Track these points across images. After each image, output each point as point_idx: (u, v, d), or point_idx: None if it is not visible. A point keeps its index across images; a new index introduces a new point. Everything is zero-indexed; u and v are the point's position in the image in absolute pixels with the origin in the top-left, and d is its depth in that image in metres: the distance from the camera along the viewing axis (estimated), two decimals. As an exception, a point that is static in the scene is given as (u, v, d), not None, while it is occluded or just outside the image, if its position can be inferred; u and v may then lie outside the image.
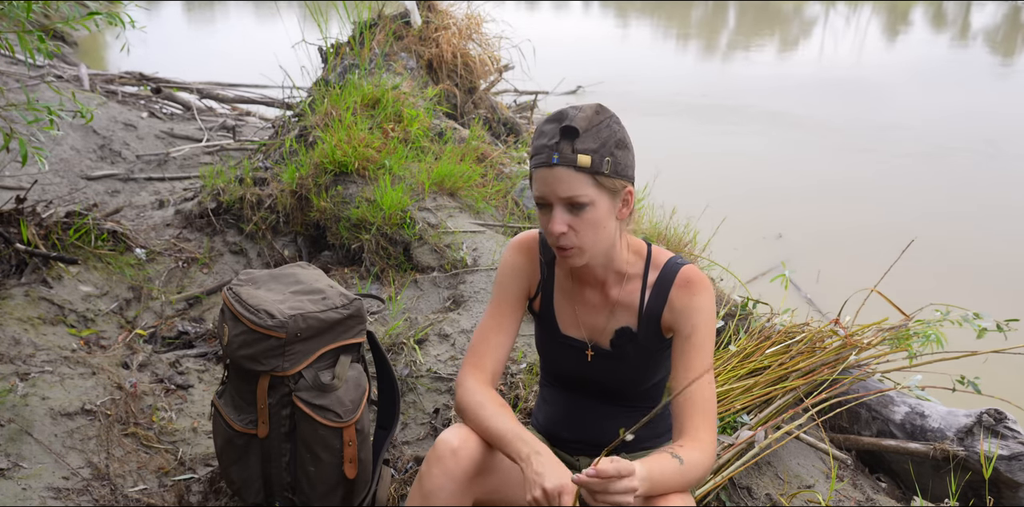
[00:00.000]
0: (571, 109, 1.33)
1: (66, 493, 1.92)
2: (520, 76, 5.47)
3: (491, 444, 1.40)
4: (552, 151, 1.29)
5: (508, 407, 1.45)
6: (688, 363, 1.37)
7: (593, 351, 1.52)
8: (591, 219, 1.33)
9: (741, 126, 7.77)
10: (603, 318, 1.50)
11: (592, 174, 1.30)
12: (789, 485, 2.08)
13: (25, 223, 2.93)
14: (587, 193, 1.30)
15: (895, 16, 18.01)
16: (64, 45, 7.91)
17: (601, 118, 1.32)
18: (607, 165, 1.30)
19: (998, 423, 2.24)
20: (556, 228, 1.32)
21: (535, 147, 1.33)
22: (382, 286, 3.10)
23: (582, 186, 1.30)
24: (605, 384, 1.55)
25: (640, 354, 1.49)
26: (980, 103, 8.92)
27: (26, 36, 2.36)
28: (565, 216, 1.32)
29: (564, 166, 1.29)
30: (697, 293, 1.41)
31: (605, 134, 1.31)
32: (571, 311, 1.53)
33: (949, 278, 4.45)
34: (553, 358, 1.61)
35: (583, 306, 1.52)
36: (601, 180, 1.31)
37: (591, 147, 1.29)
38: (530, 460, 1.28)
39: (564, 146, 1.28)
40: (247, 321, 1.74)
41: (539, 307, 1.57)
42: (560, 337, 1.55)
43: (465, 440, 1.41)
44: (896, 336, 2.31)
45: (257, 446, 1.86)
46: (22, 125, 2.73)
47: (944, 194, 6.00)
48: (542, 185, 1.32)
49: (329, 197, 3.38)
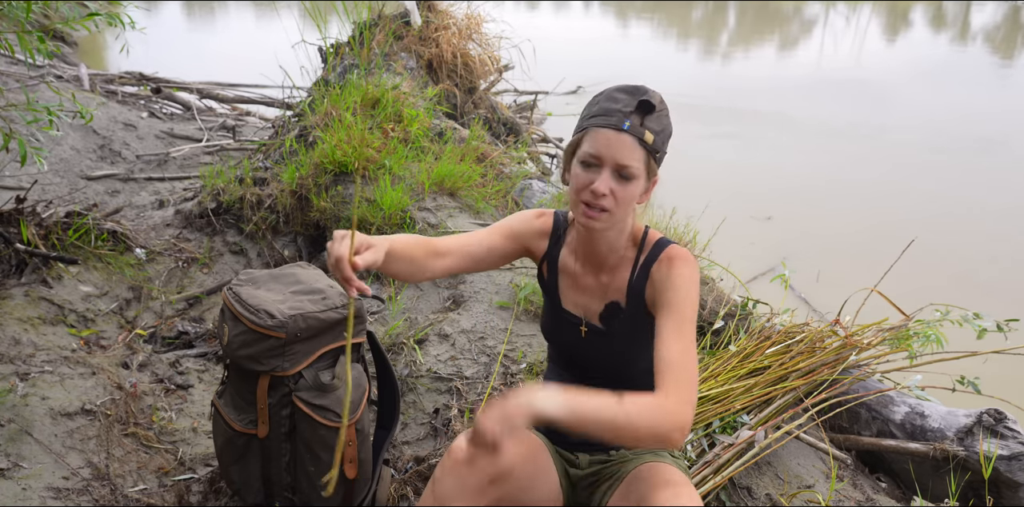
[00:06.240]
0: (647, 87, 1.38)
1: (66, 493, 1.92)
2: (520, 76, 5.48)
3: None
4: (624, 117, 1.33)
5: (416, 238, 1.46)
6: (666, 332, 1.36)
7: (587, 327, 1.56)
8: (630, 191, 1.37)
9: (741, 126, 7.77)
10: (597, 297, 1.54)
11: (649, 152, 1.35)
12: (789, 485, 2.08)
13: (25, 223, 2.93)
14: (638, 167, 1.35)
15: (895, 16, 18.01)
16: (64, 45, 7.90)
17: (665, 107, 1.39)
18: (661, 150, 1.37)
19: (998, 423, 2.24)
20: (602, 187, 1.35)
21: (602, 108, 1.36)
22: (382, 286, 3.10)
23: (638, 159, 1.34)
24: (599, 363, 1.58)
25: (628, 330, 1.52)
26: (980, 103, 8.93)
27: (26, 36, 2.36)
28: (611, 181, 1.35)
29: (632, 135, 1.33)
30: (675, 267, 1.43)
31: (666, 122, 1.38)
32: (571, 287, 1.58)
33: (949, 278, 4.45)
34: (554, 334, 1.65)
35: (581, 284, 1.56)
36: (650, 161, 1.37)
37: (655, 128, 1.35)
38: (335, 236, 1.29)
39: (635, 118, 1.33)
40: (247, 321, 1.74)
41: (546, 276, 1.61)
42: (560, 311, 1.60)
43: None
44: (896, 336, 2.31)
45: (257, 446, 1.86)
46: (22, 125, 2.74)
47: (944, 194, 6.00)
48: (602, 146, 1.34)
49: (329, 197, 3.38)
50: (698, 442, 2.07)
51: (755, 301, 2.67)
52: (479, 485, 1.40)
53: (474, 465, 1.40)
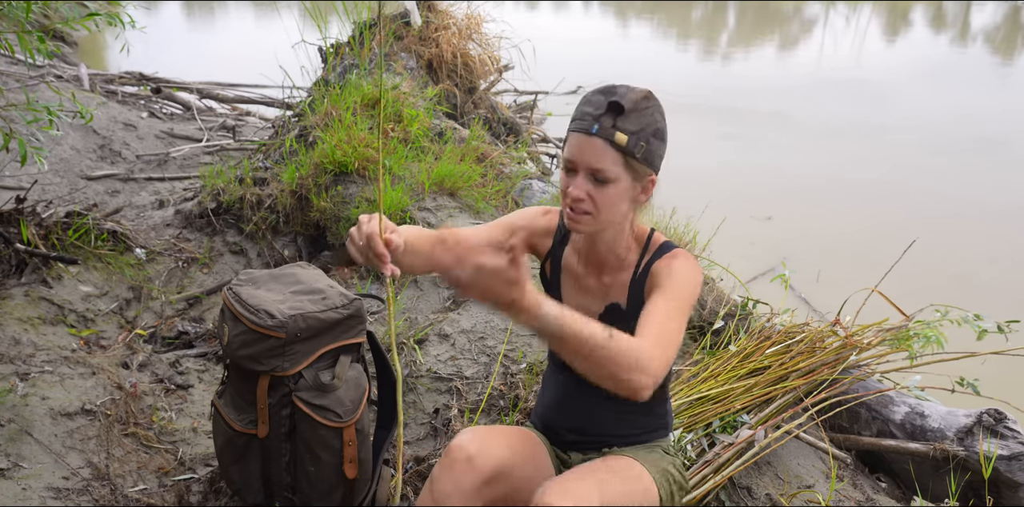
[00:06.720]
0: (623, 87, 1.35)
1: (66, 493, 1.92)
2: (520, 76, 5.48)
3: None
4: (594, 121, 1.32)
5: (422, 230, 1.47)
6: (654, 307, 1.34)
7: None
8: (610, 194, 1.35)
9: (741, 126, 7.77)
10: (599, 298, 1.54)
11: (624, 154, 1.32)
12: (789, 485, 2.08)
13: (25, 223, 2.93)
14: (614, 170, 1.33)
15: (895, 16, 18.01)
16: (64, 45, 7.90)
17: (647, 104, 1.35)
18: (640, 150, 1.33)
19: (998, 423, 2.24)
20: (575, 193, 1.35)
21: (578, 112, 1.36)
22: (382, 286, 3.10)
23: (611, 162, 1.32)
24: None
25: (628, 332, 1.50)
26: (980, 103, 8.93)
27: (26, 36, 2.36)
28: (587, 185, 1.35)
29: (601, 138, 1.31)
30: (678, 261, 1.43)
31: (646, 120, 1.34)
32: (573, 287, 1.57)
33: (949, 279, 4.45)
34: None
35: (583, 285, 1.56)
36: (630, 162, 1.34)
37: (630, 128, 1.32)
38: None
39: (606, 120, 1.31)
40: (247, 321, 1.74)
41: (549, 275, 1.61)
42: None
43: (482, 448, 1.42)
44: (896, 336, 2.31)
45: (257, 446, 1.86)
46: (22, 125, 2.74)
47: (944, 194, 6.00)
48: (575, 150, 1.34)
49: (329, 197, 3.38)
50: (698, 442, 2.07)
51: (755, 301, 2.67)
52: (476, 484, 1.40)
53: (472, 464, 1.40)
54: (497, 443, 1.46)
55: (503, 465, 1.43)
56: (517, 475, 1.47)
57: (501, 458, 1.43)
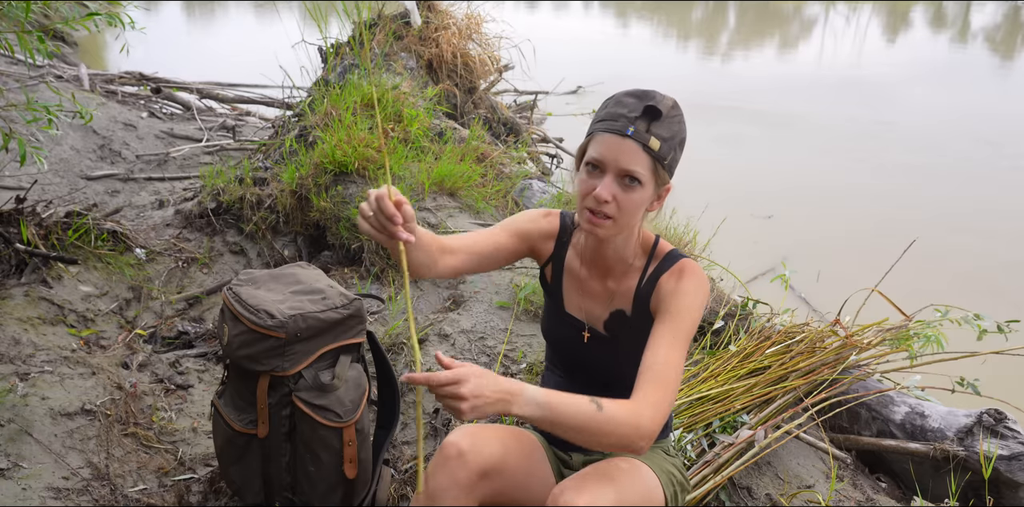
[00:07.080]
0: (658, 93, 1.35)
1: (66, 493, 1.92)
2: (520, 76, 5.47)
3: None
4: (629, 123, 1.31)
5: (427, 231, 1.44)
6: (658, 339, 1.36)
7: (590, 333, 1.56)
8: (635, 199, 1.35)
9: (741, 126, 7.77)
10: (603, 303, 1.53)
11: (655, 159, 1.33)
12: (789, 485, 2.08)
13: (25, 223, 2.93)
14: (644, 174, 1.33)
15: (895, 16, 18.02)
16: (64, 45, 7.89)
17: (677, 112, 1.36)
18: (669, 157, 1.34)
19: (998, 423, 2.24)
20: (604, 194, 1.33)
21: (609, 113, 1.35)
22: (382, 286, 3.10)
23: (643, 165, 1.32)
24: (600, 369, 1.57)
25: (632, 338, 1.50)
26: (980, 103, 8.93)
27: (26, 36, 2.36)
28: (614, 187, 1.34)
29: (636, 141, 1.31)
30: (684, 279, 1.43)
31: (676, 128, 1.35)
32: (575, 291, 1.57)
33: (949, 279, 4.45)
34: (555, 337, 1.64)
35: (586, 289, 1.55)
36: (657, 168, 1.34)
37: (663, 135, 1.32)
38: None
39: (641, 123, 1.31)
40: (247, 321, 1.74)
41: (551, 278, 1.60)
42: (563, 314, 1.59)
43: (474, 444, 1.43)
44: (896, 336, 2.31)
45: (257, 446, 1.86)
46: (22, 125, 2.74)
47: (944, 194, 6.00)
48: (606, 150, 1.33)
49: (329, 197, 3.38)
50: (698, 442, 2.07)
51: (755, 301, 2.67)
52: (470, 479, 1.40)
53: (464, 460, 1.40)
54: (489, 440, 1.46)
55: (495, 461, 1.44)
56: (511, 472, 1.47)
57: (493, 454, 1.44)
